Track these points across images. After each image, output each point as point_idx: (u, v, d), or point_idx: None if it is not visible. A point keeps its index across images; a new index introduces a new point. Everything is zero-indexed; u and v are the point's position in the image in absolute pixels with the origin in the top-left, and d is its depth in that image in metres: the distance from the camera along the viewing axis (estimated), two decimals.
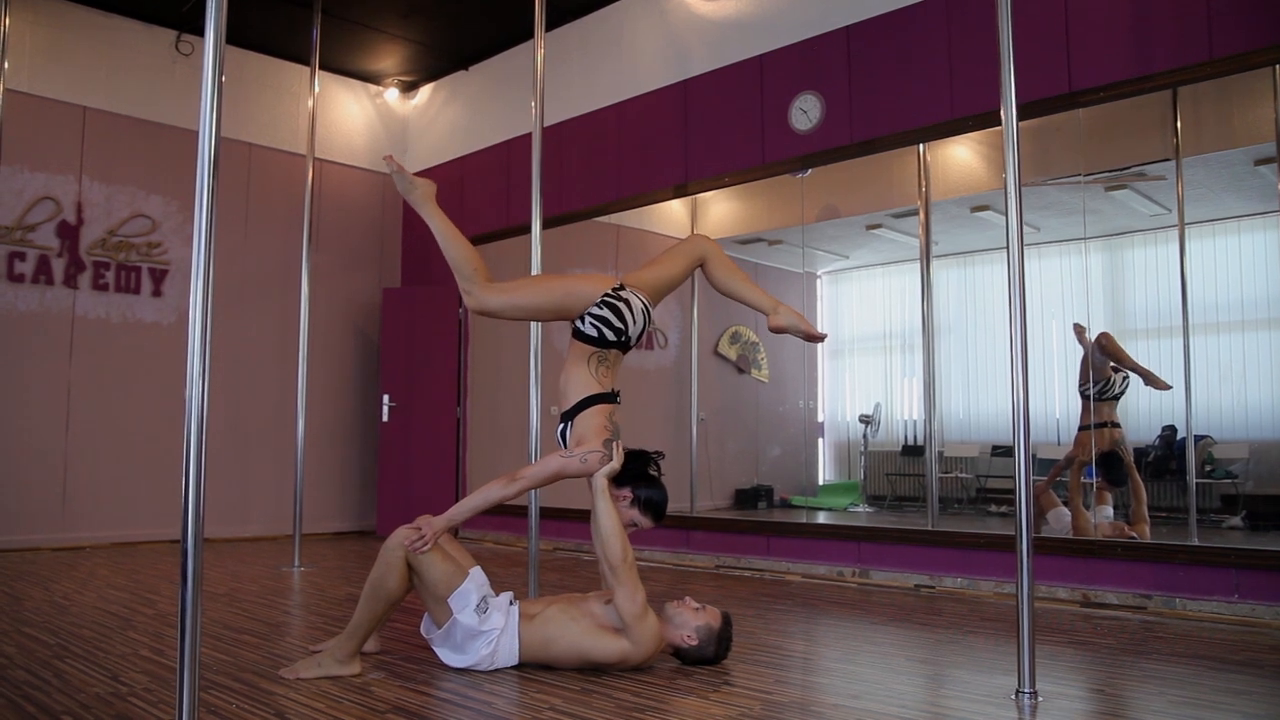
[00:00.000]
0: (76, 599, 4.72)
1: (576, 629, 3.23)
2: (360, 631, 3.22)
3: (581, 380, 3.41)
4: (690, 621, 3.31)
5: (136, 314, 7.23)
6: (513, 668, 3.29)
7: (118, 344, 7.13)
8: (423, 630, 3.37)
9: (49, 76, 6.94)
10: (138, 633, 3.89)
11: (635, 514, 3.39)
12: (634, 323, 3.41)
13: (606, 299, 3.38)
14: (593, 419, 3.38)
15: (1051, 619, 4.31)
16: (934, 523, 5.48)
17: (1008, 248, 3.12)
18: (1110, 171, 5.31)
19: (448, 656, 3.29)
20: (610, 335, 3.39)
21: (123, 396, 7.12)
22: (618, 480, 3.35)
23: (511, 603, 3.31)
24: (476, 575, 3.25)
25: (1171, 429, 5.53)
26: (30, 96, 6.80)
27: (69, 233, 6.98)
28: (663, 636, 3.28)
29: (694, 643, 3.29)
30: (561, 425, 3.47)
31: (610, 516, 3.23)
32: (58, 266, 6.91)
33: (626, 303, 3.40)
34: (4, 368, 6.62)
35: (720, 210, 7.23)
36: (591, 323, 3.38)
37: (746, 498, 7.54)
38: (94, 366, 7.03)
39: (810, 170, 6.06)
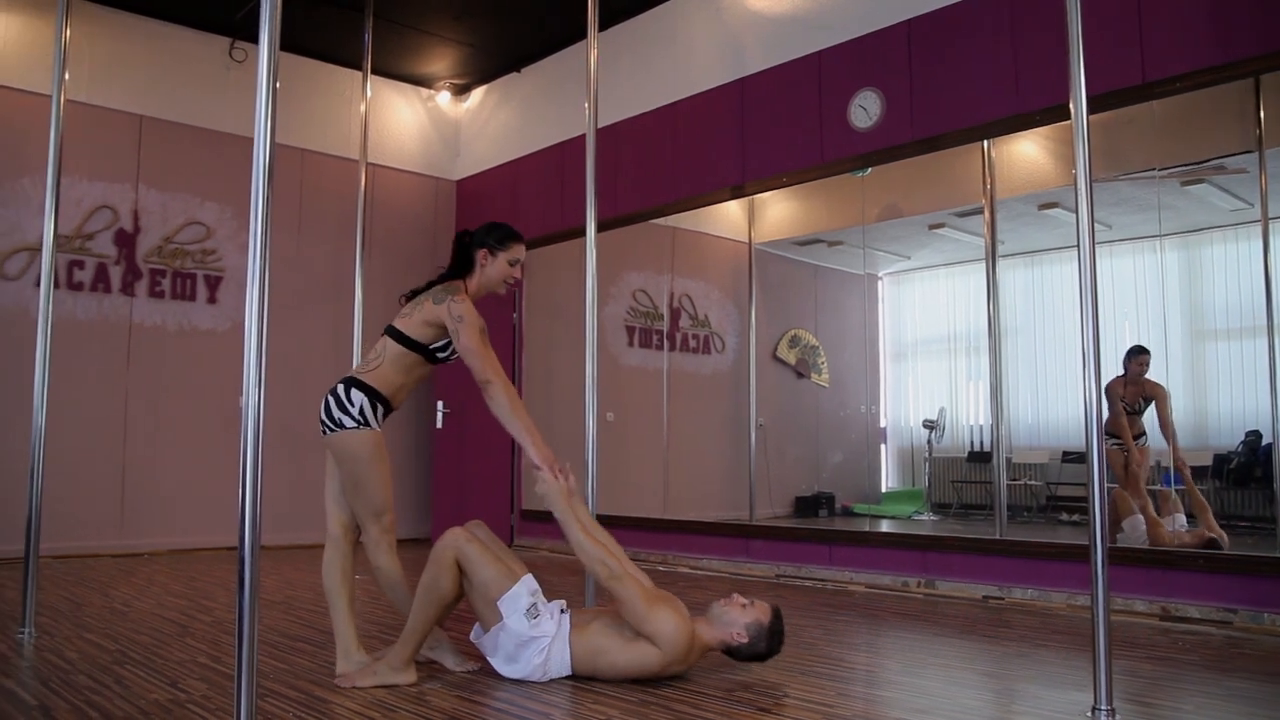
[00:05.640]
0: (135, 605, 4.76)
1: (619, 643, 3.18)
2: (415, 637, 3.19)
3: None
4: (739, 619, 3.23)
5: (192, 321, 7.30)
6: (566, 678, 3.23)
7: (174, 351, 7.20)
8: (472, 637, 3.33)
9: (107, 86, 7.03)
10: (195, 639, 3.90)
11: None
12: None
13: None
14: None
15: (1128, 633, 4.15)
16: (1002, 532, 5.32)
17: (1078, 246, 2.99)
18: (1187, 165, 5.12)
19: (501, 666, 3.24)
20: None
21: (179, 404, 7.19)
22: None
23: (563, 611, 3.26)
24: (529, 581, 3.21)
25: (1256, 434, 5.31)
26: (89, 106, 6.89)
27: (126, 241, 7.06)
28: (691, 631, 3.20)
29: (744, 640, 3.22)
30: None
31: (580, 543, 3.19)
32: (115, 274, 6.99)
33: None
34: (64, 375, 6.69)
35: (778, 211, 7.12)
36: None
37: (807, 505, 7.42)
38: (151, 374, 7.10)
39: (870, 169, 5.92)
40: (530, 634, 3.15)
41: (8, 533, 5.84)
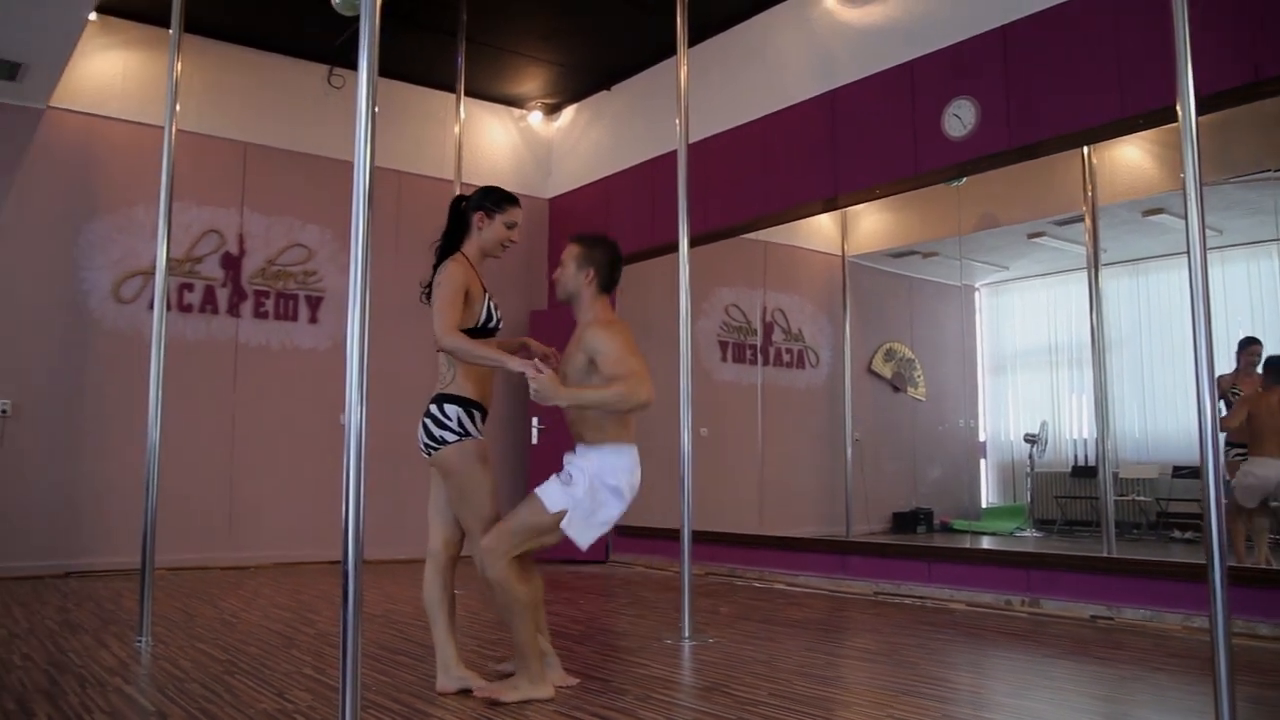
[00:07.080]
0: (243, 616, 4.89)
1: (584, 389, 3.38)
2: (530, 650, 3.20)
3: None
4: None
5: (295, 341, 7.51)
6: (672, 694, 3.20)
7: (278, 370, 7.42)
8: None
9: (213, 115, 7.30)
10: (300, 651, 3.99)
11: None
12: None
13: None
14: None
15: (1251, 657, 3.95)
16: (1111, 549, 5.14)
17: (1189, 253, 2.87)
18: None
19: (592, 531, 3.43)
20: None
21: (283, 421, 7.39)
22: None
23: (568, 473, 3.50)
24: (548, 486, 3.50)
25: None
26: (197, 135, 7.15)
27: (232, 263, 7.30)
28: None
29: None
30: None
31: (601, 400, 3.31)
32: (222, 296, 7.24)
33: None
34: (175, 395, 6.90)
35: (871, 223, 7.04)
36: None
37: (905, 521, 7.28)
38: (256, 392, 7.32)
39: (966, 179, 5.80)
40: (584, 493, 3.46)
41: (126, 545, 6.07)
